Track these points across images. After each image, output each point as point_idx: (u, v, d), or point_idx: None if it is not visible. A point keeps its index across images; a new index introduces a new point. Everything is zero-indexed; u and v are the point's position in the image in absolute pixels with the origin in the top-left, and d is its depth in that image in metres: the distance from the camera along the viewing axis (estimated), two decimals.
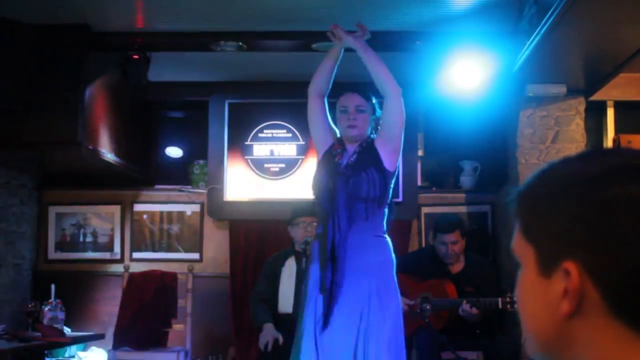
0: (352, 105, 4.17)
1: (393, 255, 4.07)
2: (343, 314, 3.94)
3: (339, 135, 4.27)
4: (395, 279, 4.03)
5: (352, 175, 4.07)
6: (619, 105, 6.22)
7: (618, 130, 6.22)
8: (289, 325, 4.99)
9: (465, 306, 5.26)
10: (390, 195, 4.14)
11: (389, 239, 4.11)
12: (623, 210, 0.89)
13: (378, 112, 4.25)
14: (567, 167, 0.98)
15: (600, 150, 1.00)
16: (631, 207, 0.89)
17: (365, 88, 4.29)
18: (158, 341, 5.62)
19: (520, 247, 1.03)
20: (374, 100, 4.24)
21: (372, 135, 4.23)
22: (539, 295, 0.97)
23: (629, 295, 0.89)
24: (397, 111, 4.10)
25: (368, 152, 4.14)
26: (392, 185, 4.15)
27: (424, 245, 6.70)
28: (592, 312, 0.91)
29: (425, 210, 6.85)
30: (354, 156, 4.14)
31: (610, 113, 6.21)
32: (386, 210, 4.12)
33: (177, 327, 5.66)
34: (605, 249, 0.90)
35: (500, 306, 5.17)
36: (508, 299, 5.11)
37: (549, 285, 0.95)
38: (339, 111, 4.21)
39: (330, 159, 4.20)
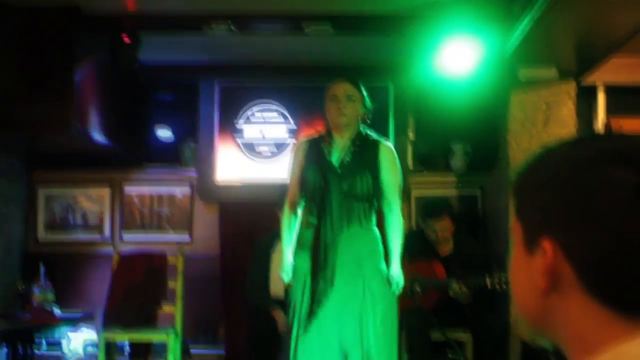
0: (343, 94, 4.12)
1: (381, 246, 4.12)
2: (336, 304, 3.98)
3: (326, 125, 4.25)
4: (385, 266, 4.06)
5: (347, 175, 4.07)
6: (610, 89, 6.24)
7: (609, 113, 6.24)
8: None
9: (455, 286, 5.29)
10: (381, 190, 4.14)
11: (377, 231, 4.15)
12: (603, 193, 0.91)
13: (368, 103, 4.21)
14: (558, 151, 1.01)
15: (593, 135, 1.03)
16: (611, 190, 0.91)
17: (355, 77, 4.26)
18: (148, 321, 5.63)
19: (513, 225, 1.06)
20: (364, 92, 4.20)
21: (364, 130, 4.21)
22: (524, 272, 1.01)
23: (602, 275, 0.91)
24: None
25: (364, 155, 4.12)
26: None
27: (414, 228, 6.71)
28: (568, 290, 0.94)
29: (415, 192, 6.86)
30: (349, 155, 4.12)
31: (602, 97, 6.23)
32: (376, 202, 4.14)
33: (167, 307, 5.67)
34: (581, 229, 0.92)
35: (489, 286, 5.18)
36: (497, 279, 5.13)
37: (531, 262, 0.99)
38: (329, 99, 4.15)
39: (320, 155, 4.17)
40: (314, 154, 4.19)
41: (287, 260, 4.15)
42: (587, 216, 0.92)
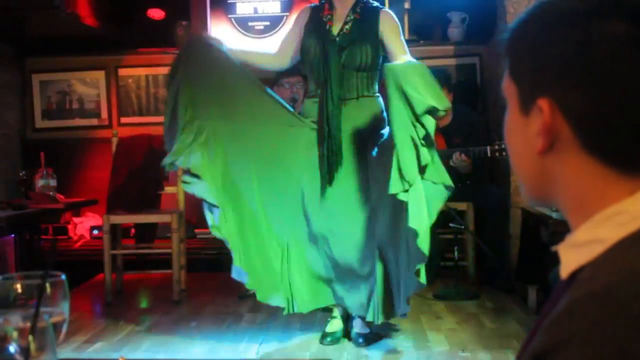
0: None
1: (385, 113, 4.11)
2: (346, 174, 4.04)
3: None
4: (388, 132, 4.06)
5: (346, 45, 4.05)
6: None
7: None
8: None
9: (456, 155, 5.30)
10: (381, 59, 4.10)
11: (380, 98, 4.16)
12: (601, 47, 0.88)
13: None
14: (552, 6, 0.96)
15: None
16: (611, 45, 0.88)
17: None
18: (151, 204, 5.67)
19: (506, 86, 1.03)
20: None
21: None
22: (520, 134, 0.99)
23: (601, 132, 0.89)
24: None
25: (364, 24, 4.07)
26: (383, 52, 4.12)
27: None
28: (566, 149, 0.92)
29: None
30: (349, 25, 4.07)
31: None
32: (377, 72, 4.12)
33: (169, 189, 5.70)
34: (579, 86, 0.89)
35: (489, 154, 5.19)
36: (497, 147, 5.13)
37: (527, 123, 0.97)
38: None
39: (321, 25, 4.14)
40: (315, 24, 4.17)
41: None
42: (584, 71, 0.89)
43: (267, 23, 6.76)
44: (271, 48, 4.42)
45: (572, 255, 0.91)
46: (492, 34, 6.37)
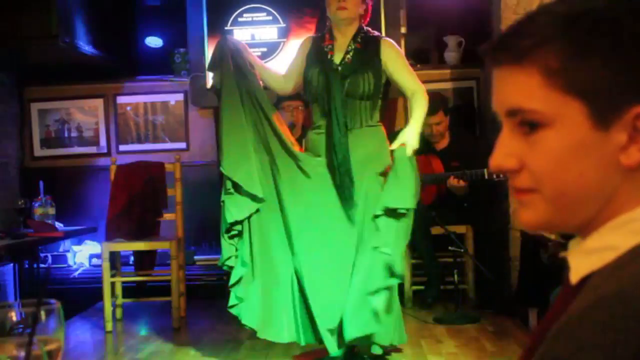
0: None
1: (387, 142, 4.16)
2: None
3: (327, 24, 4.26)
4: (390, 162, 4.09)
5: (348, 74, 4.09)
6: None
7: None
8: None
9: (453, 179, 5.31)
10: (383, 87, 4.15)
11: (382, 128, 4.21)
12: None
13: None
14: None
15: None
16: None
17: None
18: (150, 231, 5.66)
19: (550, 104, 0.87)
20: None
21: (364, 28, 4.19)
22: (593, 153, 0.85)
23: None
24: None
25: (365, 53, 4.12)
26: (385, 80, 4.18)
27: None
28: None
29: None
30: (350, 54, 4.12)
31: None
32: (380, 100, 4.15)
33: (168, 216, 5.69)
34: None
35: (486, 177, 5.20)
36: None
37: (606, 139, 0.85)
38: None
39: (323, 55, 4.19)
40: (316, 54, 4.23)
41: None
42: None
43: (264, 49, 6.78)
44: (280, 69, 4.47)
45: (582, 261, 0.89)
46: None
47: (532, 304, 4.90)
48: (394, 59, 4.13)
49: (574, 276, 0.89)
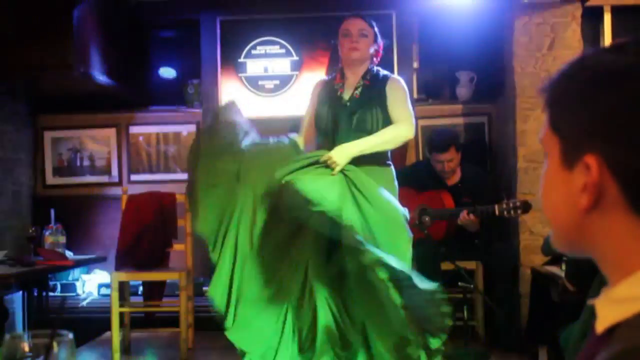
0: (355, 29, 4.20)
1: (396, 182, 4.19)
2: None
3: (339, 64, 4.32)
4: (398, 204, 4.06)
5: (356, 110, 4.14)
6: (616, 11, 6.12)
7: (615, 36, 6.13)
8: None
9: (463, 214, 5.28)
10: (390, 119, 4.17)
11: (392, 167, 4.22)
12: None
13: (379, 39, 4.29)
14: (599, 58, 0.94)
15: (636, 39, 0.93)
16: None
17: (367, 16, 4.35)
18: (160, 262, 5.66)
19: (546, 138, 0.99)
20: (375, 29, 4.28)
21: (374, 68, 4.25)
22: (561, 187, 0.96)
23: None
24: None
25: (374, 90, 4.17)
26: None
27: (420, 158, 6.69)
28: (611, 207, 0.90)
29: (421, 122, 6.78)
30: (359, 90, 4.18)
31: (607, 18, 6.11)
32: None
33: (178, 247, 5.69)
34: (629, 143, 0.87)
35: (497, 213, 5.17)
36: (504, 206, 5.10)
37: (570, 178, 0.93)
38: (342, 35, 4.23)
39: (332, 92, 4.26)
40: (327, 92, 4.30)
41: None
42: (636, 129, 0.86)
43: (277, 82, 6.82)
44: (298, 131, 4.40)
45: (610, 311, 0.89)
46: (500, 93, 6.42)
47: (542, 341, 4.87)
48: (394, 93, 4.17)
49: (600, 325, 0.90)
